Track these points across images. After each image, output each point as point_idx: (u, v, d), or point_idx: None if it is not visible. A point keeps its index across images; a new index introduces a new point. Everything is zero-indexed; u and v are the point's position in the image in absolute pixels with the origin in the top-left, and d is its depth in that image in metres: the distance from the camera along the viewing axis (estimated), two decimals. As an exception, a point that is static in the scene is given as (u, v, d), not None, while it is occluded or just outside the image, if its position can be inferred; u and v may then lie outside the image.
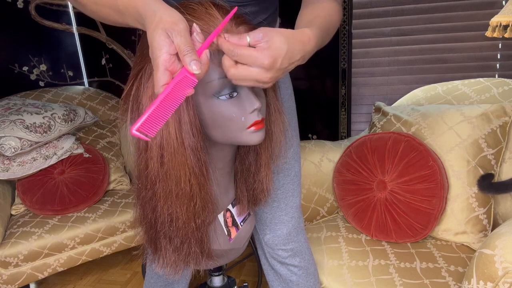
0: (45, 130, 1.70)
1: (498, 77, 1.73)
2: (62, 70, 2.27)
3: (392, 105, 1.59)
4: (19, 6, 2.11)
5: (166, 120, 0.54)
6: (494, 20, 1.14)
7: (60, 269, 1.59)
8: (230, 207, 0.85)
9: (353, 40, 1.91)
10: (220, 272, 1.37)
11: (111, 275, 1.86)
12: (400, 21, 1.83)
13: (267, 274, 1.07)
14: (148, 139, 0.54)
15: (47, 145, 1.77)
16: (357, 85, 1.98)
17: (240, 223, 0.88)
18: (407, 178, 1.23)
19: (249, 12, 0.77)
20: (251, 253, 1.70)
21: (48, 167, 1.75)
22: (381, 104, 1.52)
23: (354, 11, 1.87)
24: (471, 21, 1.75)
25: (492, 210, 1.21)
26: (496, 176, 1.23)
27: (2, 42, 2.14)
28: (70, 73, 2.29)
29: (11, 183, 1.79)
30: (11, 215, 1.71)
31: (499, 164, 1.23)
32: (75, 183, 1.74)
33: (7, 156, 1.64)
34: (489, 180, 1.20)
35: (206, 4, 0.64)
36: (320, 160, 1.46)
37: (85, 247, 1.61)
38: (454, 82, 1.48)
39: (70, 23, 2.21)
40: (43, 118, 1.73)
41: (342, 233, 1.32)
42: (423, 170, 1.22)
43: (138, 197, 0.74)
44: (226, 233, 0.85)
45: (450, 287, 1.02)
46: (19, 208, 1.72)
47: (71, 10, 2.20)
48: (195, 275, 1.03)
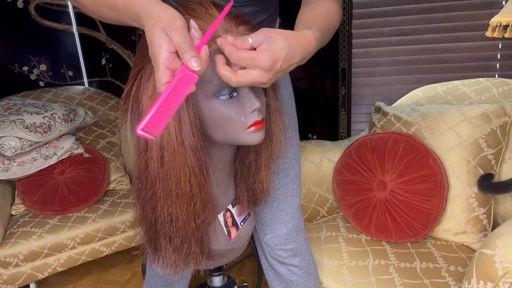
0: (45, 130, 1.70)
1: (498, 77, 1.73)
2: (62, 70, 2.27)
3: (392, 105, 1.59)
4: (19, 6, 2.11)
5: (170, 118, 0.54)
6: (494, 20, 1.15)
7: (60, 269, 1.59)
8: (230, 207, 0.85)
9: (353, 40, 1.91)
10: (220, 272, 1.37)
11: (111, 275, 1.86)
12: (400, 21, 1.83)
13: (267, 274, 1.07)
14: (153, 138, 0.54)
15: (47, 145, 1.77)
16: (357, 85, 1.98)
17: (240, 223, 0.88)
18: (407, 178, 1.23)
19: (249, 12, 0.77)
20: (251, 253, 1.70)
21: (48, 167, 1.76)
22: (381, 104, 1.52)
23: (354, 11, 1.87)
24: (471, 21, 1.75)
25: (492, 210, 1.21)
26: (496, 176, 1.23)
27: (2, 42, 2.14)
28: (70, 73, 2.29)
29: (11, 183, 1.79)
30: (11, 215, 1.71)
31: (499, 164, 1.23)
32: (75, 183, 1.74)
33: (7, 156, 1.64)
34: (489, 180, 1.20)
35: (206, 4, 0.64)
36: (320, 160, 1.46)
37: (85, 247, 1.61)
38: (454, 82, 1.48)
39: (70, 23, 2.21)
40: (43, 118, 1.73)
41: (342, 233, 1.32)
42: (423, 170, 1.22)
43: (138, 197, 0.74)
44: (226, 233, 0.84)
45: (450, 287, 1.02)
46: (19, 208, 1.72)
47: (71, 10, 2.20)
48: (195, 275, 1.03)
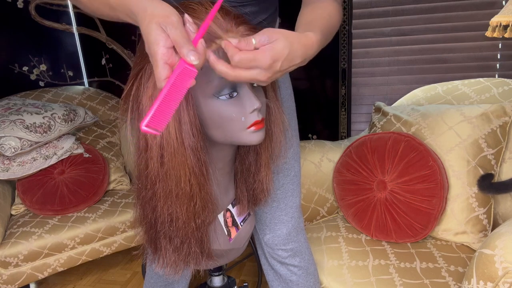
0: (45, 130, 1.70)
1: (498, 77, 1.73)
2: (62, 70, 2.27)
3: (392, 105, 1.59)
4: (19, 6, 2.11)
5: (173, 113, 0.54)
6: (494, 20, 1.15)
7: (60, 269, 1.59)
8: (230, 207, 0.85)
9: (353, 40, 1.91)
10: (220, 272, 1.37)
11: (111, 275, 1.86)
12: (400, 21, 1.83)
13: (267, 274, 1.07)
14: (158, 133, 0.54)
15: (47, 145, 1.77)
16: (357, 85, 1.98)
17: (240, 223, 0.88)
18: (407, 178, 1.23)
19: (249, 12, 0.77)
20: (251, 253, 1.70)
21: (48, 167, 1.75)
22: (381, 104, 1.52)
23: (354, 11, 1.87)
24: (471, 21, 1.75)
25: (492, 210, 1.21)
26: (496, 176, 1.23)
27: (2, 42, 2.14)
28: (70, 73, 2.29)
29: (11, 183, 1.79)
30: (11, 215, 1.71)
31: (499, 164, 1.23)
32: (75, 183, 1.74)
33: (7, 156, 1.64)
34: (489, 180, 1.20)
35: (206, 4, 0.64)
36: (320, 160, 1.46)
37: (85, 247, 1.61)
38: (454, 82, 1.48)
39: (70, 23, 2.21)
40: (43, 118, 1.73)
41: (342, 233, 1.32)
42: (423, 170, 1.22)
43: (138, 197, 0.74)
44: (226, 233, 0.84)
45: (450, 287, 1.02)
46: (19, 208, 1.72)
47: (71, 10, 2.20)
48: (195, 275, 1.03)
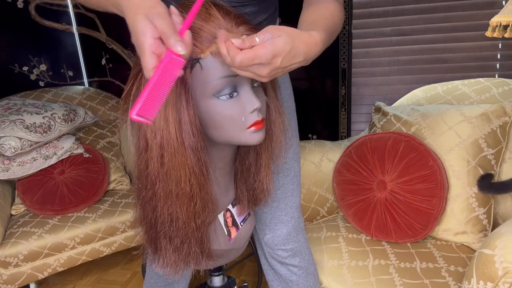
0: (45, 130, 1.70)
1: (498, 77, 1.73)
2: (62, 70, 2.27)
3: (392, 105, 1.59)
4: (19, 6, 2.11)
5: (162, 102, 0.56)
6: (494, 20, 1.15)
7: (60, 269, 1.59)
8: (230, 207, 0.85)
9: (353, 40, 1.91)
10: (220, 272, 1.37)
11: (111, 275, 1.86)
12: (400, 21, 1.83)
13: (267, 274, 1.07)
14: (149, 122, 0.55)
15: (47, 145, 1.77)
16: (357, 85, 1.98)
17: (240, 223, 0.88)
18: (407, 178, 1.23)
19: (249, 12, 0.77)
20: (251, 253, 1.70)
21: (48, 167, 1.75)
22: (381, 104, 1.52)
23: (354, 11, 1.87)
24: (471, 21, 1.75)
25: (492, 210, 1.21)
26: (496, 176, 1.23)
27: (2, 42, 2.14)
28: (70, 73, 2.29)
29: (11, 183, 1.79)
30: (11, 215, 1.71)
31: (499, 164, 1.23)
32: (75, 183, 1.74)
33: (7, 156, 1.64)
34: (489, 180, 1.20)
35: (206, 4, 0.64)
36: (320, 160, 1.46)
37: (85, 247, 1.61)
38: (454, 82, 1.48)
39: (70, 23, 2.21)
40: (43, 118, 1.73)
41: (342, 233, 1.32)
42: (423, 170, 1.22)
43: (138, 197, 0.74)
44: (226, 233, 0.84)
45: (450, 287, 1.02)
46: (19, 208, 1.72)
47: (71, 10, 2.20)
48: (195, 275, 1.03)
